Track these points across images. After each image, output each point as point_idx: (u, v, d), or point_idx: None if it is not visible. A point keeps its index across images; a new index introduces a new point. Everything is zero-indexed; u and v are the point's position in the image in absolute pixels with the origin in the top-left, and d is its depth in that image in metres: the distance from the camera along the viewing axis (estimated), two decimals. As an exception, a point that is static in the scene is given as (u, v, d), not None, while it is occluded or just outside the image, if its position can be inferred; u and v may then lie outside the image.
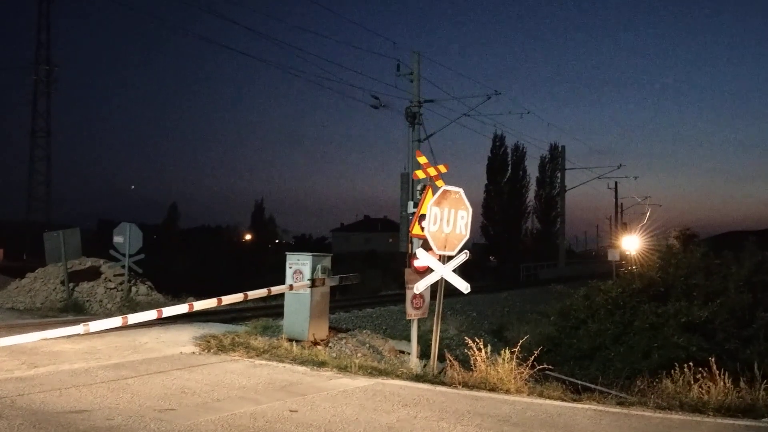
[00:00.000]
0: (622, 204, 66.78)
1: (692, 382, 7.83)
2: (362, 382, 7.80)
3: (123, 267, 17.43)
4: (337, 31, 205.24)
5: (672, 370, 8.68)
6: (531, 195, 66.24)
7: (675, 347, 13.73)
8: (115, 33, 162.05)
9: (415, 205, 9.81)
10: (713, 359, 8.19)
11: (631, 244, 39.46)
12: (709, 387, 7.45)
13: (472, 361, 8.21)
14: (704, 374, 7.87)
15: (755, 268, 16.13)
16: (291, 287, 10.72)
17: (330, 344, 10.94)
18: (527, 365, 7.92)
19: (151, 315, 8.31)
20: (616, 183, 62.59)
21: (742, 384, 7.48)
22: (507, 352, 7.92)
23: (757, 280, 15.66)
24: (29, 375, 7.61)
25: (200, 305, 9.08)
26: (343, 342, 11.19)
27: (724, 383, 7.41)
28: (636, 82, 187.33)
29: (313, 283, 10.75)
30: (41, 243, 18.84)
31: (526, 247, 62.83)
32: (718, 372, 7.62)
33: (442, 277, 8.53)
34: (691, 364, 8.37)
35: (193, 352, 9.57)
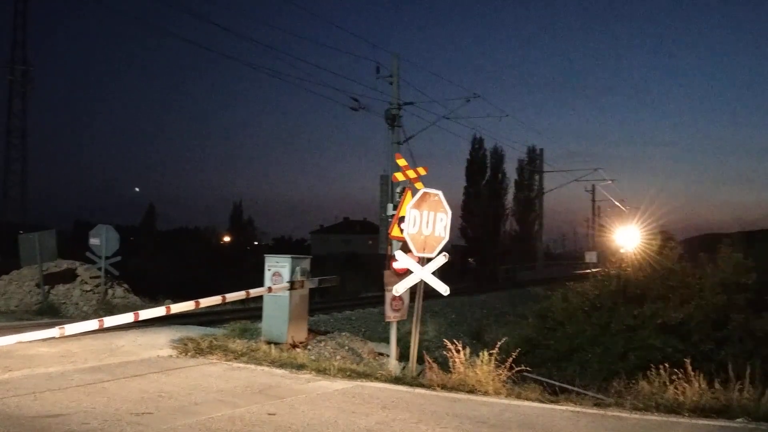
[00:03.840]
0: (599, 207, 67.46)
1: (668, 384, 7.90)
2: (341, 384, 7.80)
3: (99, 269, 17.27)
4: (316, 33, 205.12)
5: (648, 372, 8.74)
6: (510, 197, 66.63)
7: (651, 349, 13.86)
8: (93, 33, 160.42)
9: (395, 208, 9.83)
10: (689, 360, 8.27)
11: (628, 238, 32.56)
12: (684, 388, 7.52)
13: (450, 363, 8.24)
14: (680, 375, 7.93)
15: (730, 270, 16.33)
16: (270, 289, 10.69)
17: (309, 347, 10.91)
18: (505, 367, 7.97)
19: (127, 318, 8.26)
20: (593, 186, 63.33)
21: (716, 385, 7.56)
22: (485, 354, 7.96)
23: (732, 282, 15.85)
24: (3, 379, 7.50)
25: (177, 308, 9.03)
26: (322, 344, 11.17)
27: (699, 384, 7.49)
28: (614, 85, 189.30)
29: (292, 285, 10.73)
30: (16, 245, 18.60)
31: (505, 249, 63.05)
32: (693, 373, 7.69)
33: (421, 280, 8.55)
34: (667, 365, 8.43)
35: (171, 355, 9.49)
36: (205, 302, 9.22)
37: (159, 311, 8.67)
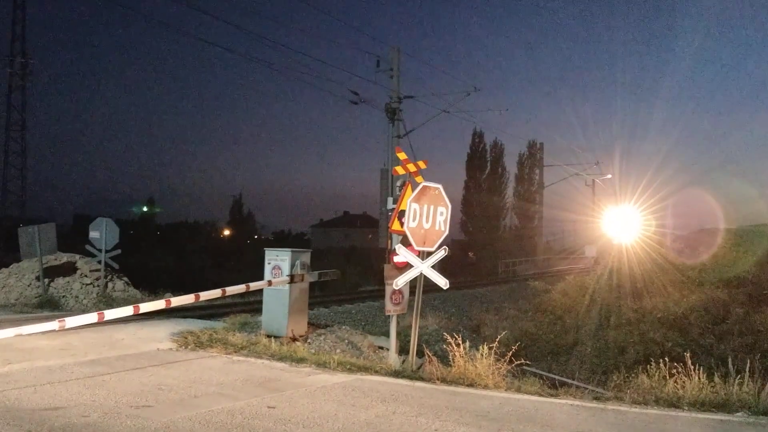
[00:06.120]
0: (599, 200, 67.30)
1: (668, 377, 7.92)
2: (341, 378, 7.80)
3: (99, 262, 17.24)
4: (316, 25, 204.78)
5: (648, 365, 8.77)
6: (510, 191, 66.51)
7: (651, 342, 13.89)
8: (93, 25, 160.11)
9: (395, 201, 9.82)
10: (688, 354, 8.29)
11: (628, 232, 29.91)
12: (684, 382, 7.54)
13: (450, 357, 8.25)
14: (679, 369, 7.95)
15: (729, 265, 16.36)
16: (270, 283, 10.67)
17: (309, 340, 10.91)
18: (505, 361, 7.98)
19: (127, 311, 8.24)
20: (593, 180, 63.11)
21: (716, 379, 7.58)
22: (485, 347, 7.97)
23: (732, 277, 15.88)
24: (3, 372, 7.50)
25: (177, 301, 9.02)
26: (322, 338, 11.16)
27: (699, 378, 7.51)
28: (614, 79, 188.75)
29: (292, 278, 10.72)
30: (16, 238, 18.56)
31: (505, 243, 63.00)
32: (693, 367, 7.71)
33: (421, 273, 8.55)
34: (666, 359, 8.46)
35: (171, 349, 9.50)
36: (205, 296, 9.21)
37: (159, 304, 8.65)
